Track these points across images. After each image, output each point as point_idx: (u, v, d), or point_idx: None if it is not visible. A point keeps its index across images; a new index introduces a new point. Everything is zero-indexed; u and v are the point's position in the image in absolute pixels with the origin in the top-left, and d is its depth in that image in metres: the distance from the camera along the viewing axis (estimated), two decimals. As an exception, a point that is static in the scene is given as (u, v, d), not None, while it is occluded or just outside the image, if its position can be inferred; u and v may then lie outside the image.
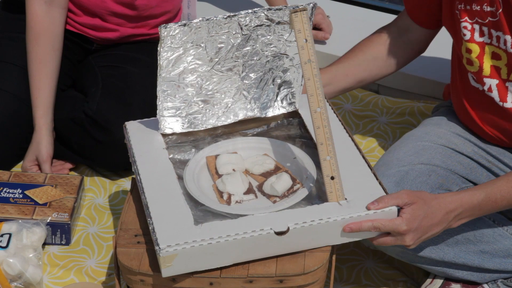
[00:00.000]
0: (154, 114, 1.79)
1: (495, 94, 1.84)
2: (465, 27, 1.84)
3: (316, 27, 2.59)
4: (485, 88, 1.85)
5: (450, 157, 1.91)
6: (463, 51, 1.87)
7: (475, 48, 1.84)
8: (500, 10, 1.77)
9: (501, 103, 1.84)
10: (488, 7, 1.79)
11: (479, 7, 1.80)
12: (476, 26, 1.83)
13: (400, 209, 1.60)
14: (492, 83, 1.84)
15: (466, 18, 1.83)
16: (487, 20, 1.80)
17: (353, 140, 1.80)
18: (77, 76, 2.34)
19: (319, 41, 2.59)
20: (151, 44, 2.27)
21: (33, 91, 2.16)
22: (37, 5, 2.13)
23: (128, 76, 2.23)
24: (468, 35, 1.84)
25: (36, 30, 2.15)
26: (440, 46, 2.22)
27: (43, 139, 2.16)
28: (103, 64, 2.30)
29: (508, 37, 1.78)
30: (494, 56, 1.82)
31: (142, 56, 2.31)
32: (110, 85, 2.21)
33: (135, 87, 2.19)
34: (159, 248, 1.50)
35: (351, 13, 2.81)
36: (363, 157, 1.74)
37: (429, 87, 2.43)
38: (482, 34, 1.83)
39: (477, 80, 1.86)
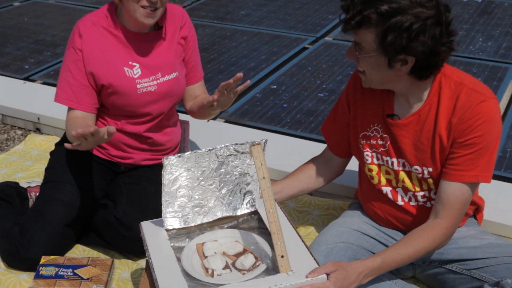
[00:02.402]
0: (161, 216, 1.77)
1: (390, 196, 1.87)
2: (367, 155, 1.88)
3: None
4: (383, 193, 1.88)
5: (360, 237, 1.91)
6: (366, 170, 1.90)
7: (374, 168, 1.88)
8: (388, 142, 1.82)
9: (395, 202, 1.87)
10: (380, 141, 1.84)
11: (375, 141, 1.85)
12: (374, 154, 1.87)
13: (328, 275, 1.59)
14: (387, 190, 1.87)
15: (367, 149, 1.87)
16: (380, 150, 1.84)
17: (295, 229, 1.78)
18: (109, 190, 2.31)
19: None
20: (160, 168, 2.25)
21: None
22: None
23: (144, 190, 2.21)
24: (369, 160, 1.88)
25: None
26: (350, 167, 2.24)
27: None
28: (128, 182, 2.27)
29: (394, 159, 1.83)
30: (387, 173, 1.86)
31: (154, 176, 2.28)
32: (132, 197, 2.18)
33: (148, 198, 2.17)
34: (165, 310, 1.46)
35: (288, 142, 2.78)
36: (302, 241, 1.73)
37: (345, 190, 2.43)
38: (378, 159, 1.86)
39: (378, 188, 1.89)
